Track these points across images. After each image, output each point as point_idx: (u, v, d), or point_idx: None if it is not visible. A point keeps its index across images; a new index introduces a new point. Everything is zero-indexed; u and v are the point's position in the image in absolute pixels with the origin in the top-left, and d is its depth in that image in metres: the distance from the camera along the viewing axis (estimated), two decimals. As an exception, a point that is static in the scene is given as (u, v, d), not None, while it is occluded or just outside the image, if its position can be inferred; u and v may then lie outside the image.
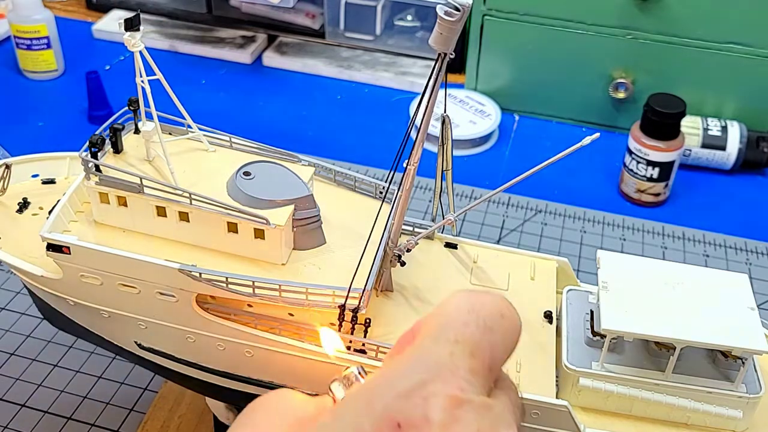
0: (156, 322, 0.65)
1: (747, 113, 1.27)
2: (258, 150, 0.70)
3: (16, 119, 1.30)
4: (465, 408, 0.33)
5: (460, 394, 0.33)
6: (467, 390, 0.34)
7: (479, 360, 0.35)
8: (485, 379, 0.35)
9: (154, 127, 0.66)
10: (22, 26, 1.34)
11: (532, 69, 1.33)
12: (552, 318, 0.67)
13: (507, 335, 0.37)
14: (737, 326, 0.60)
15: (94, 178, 0.63)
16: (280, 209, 0.63)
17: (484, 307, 0.37)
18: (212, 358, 0.66)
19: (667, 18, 1.23)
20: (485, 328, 0.36)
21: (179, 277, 0.60)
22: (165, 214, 0.63)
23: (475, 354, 0.35)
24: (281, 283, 0.60)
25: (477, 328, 0.36)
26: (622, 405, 0.62)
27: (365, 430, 0.32)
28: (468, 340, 0.35)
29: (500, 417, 0.34)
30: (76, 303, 0.67)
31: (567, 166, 1.24)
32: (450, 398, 0.33)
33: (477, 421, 0.33)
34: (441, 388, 0.33)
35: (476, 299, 0.37)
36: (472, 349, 0.35)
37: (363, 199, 0.72)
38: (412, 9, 1.47)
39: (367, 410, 0.32)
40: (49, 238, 0.62)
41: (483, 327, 0.36)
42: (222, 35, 1.53)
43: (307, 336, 0.61)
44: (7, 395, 0.84)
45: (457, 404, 0.33)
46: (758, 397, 0.61)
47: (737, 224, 1.15)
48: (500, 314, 0.37)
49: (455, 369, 0.34)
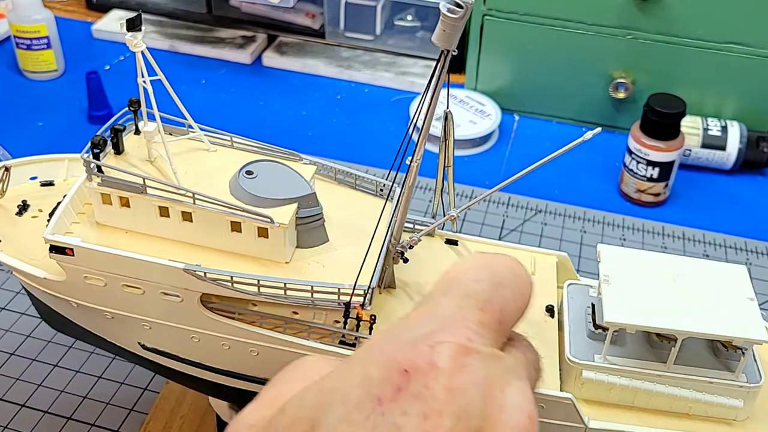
0: (160, 322, 0.65)
1: (747, 113, 1.27)
2: (259, 149, 0.70)
3: (16, 119, 1.29)
4: (473, 356, 0.33)
5: (468, 343, 0.33)
6: (475, 340, 0.33)
7: (489, 314, 0.35)
8: (496, 333, 0.35)
9: (155, 128, 0.66)
10: (22, 26, 1.34)
11: (532, 69, 1.33)
12: (554, 312, 0.68)
13: (518, 292, 0.37)
14: (737, 317, 0.60)
15: (96, 179, 0.63)
16: (283, 208, 0.63)
17: (496, 265, 0.37)
18: (217, 357, 0.66)
19: (667, 18, 1.23)
20: (496, 284, 0.36)
21: (184, 277, 0.60)
22: (168, 214, 0.63)
23: (484, 308, 0.35)
24: (286, 282, 0.60)
25: (488, 283, 0.36)
26: (624, 396, 0.63)
27: (372, 376, 0.32)
28: (478, 294, 0.35)
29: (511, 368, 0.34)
30: (79, 305, 0.67)
31: (567, 165, 1.24)
32: (457, 346, 0.33)
33: (485, 369, 0.33)
34: (449, 337, 0.33)
35: (488, 258, 0.37)
36: (481, 303, 0.35)
37: (364, 197, 0.72)
38: (412, 9, 1.47)
39: (375, 358, 0.32)
40: (52, 240, 0.62)
41: (493, 282, 0.36)
42: (222, 35, 1.53)
43: (311, 334, 0.61)
44: (7, 395, 0.84)
45: (465, 352, 0.33)
46: (758, 386, 0.62)
47: (737, 224, 1.15)
48: (512, 272, 0.37)
49: (464, 320, 0.34)
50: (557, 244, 1.09)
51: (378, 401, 0.31)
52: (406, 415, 0.30)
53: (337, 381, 0.33)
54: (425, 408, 0.31)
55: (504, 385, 0.33)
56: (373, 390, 0.31)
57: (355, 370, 0.33)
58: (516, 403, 0.32)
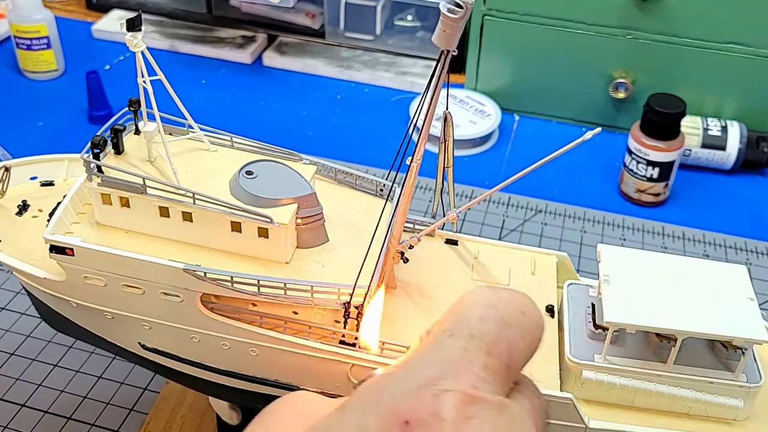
0: (160, 322, 0.65)
1: (747, 113, 1.27)
2: (259, 149, 0.70)
3: (16, 119, 1.29)
4: (478, 406, 0.31)
5: (473, 392, 0.31)
6: (481, 387, 0.32)
7: (496, 357, 0.33)
8: (502, 378, 0.33)
9: (155, 128, 0.66)
10: (22, 26, 1.34)
11: (532, 69, 1.33)
12: (554, 312, 0.68)
13: (527, 332, 0.35)
14: (737, 317, 0.61)
15: (96, 180, 0.63)
16: (283, 208, 0.63)
17: (503, 303, 0.35)
18: (217, 357, 0.66)
19: (667, 18, 1.23)
20: (503, 324, 0.34)
21: (184, 277, 0.60)
22: (168, 214, 0.63)
23: (491, 351, 0.33)
24: (286, 282, 0.60)
25: (494, 323, 0.34)
26: (624, 396, 0.63)
27: (370, 427, 0.30)
28: (484, 335, 0.33)
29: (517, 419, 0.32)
30: (79, 305, 0.67)
31: (567, 165, 1.24)
32: (462, 395, 0.31)
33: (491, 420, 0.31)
34: (453, 384, 0.31)
35: (494, 294, 0.35)
36: (488, 345, 0.33)
37: (364, 197, 0.72)
38: (412, 9, 1.47)
39: (374, 406, 0.31)
40: (52, 240, 0.62)
41: (501, 322, 0.34)
42: (222, 35, 1.53)
43: (311, 334, 0.62)
44: (7, 395, 0.84)
45: (470, 401, 0.31)
46: (758, 386, 0.62)
47: (737, 224, 1.15)
48: (520, 310, 0.35)
49: (469, 365, 0.32)
50: (557, 244, 1.09)
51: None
52: None
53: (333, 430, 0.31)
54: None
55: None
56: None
57: (350, 420, 0.31)
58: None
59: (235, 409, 0.76)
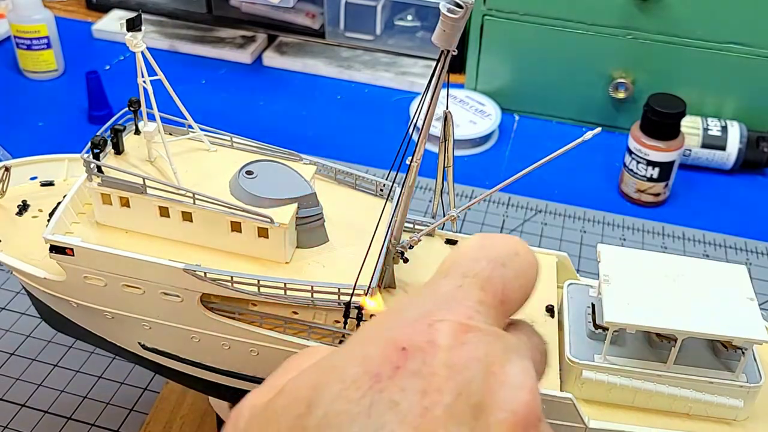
0: (160, 322, 0.65)
1: (747, 113, 1.27)
2: (259, 149, 0.70)
3: (16, 119, 1.29)
4: (473, 333, 0.32)
5: (468, 321, 0.32)
6: (476, 319, 0.33)
7: (490, 293, 0.34)
8: (497, 313, 0.34)
9: (155, 128, 0.66)
10: (22, 26, 1.34)
11: (532, 69, 1.33)
12: (554, 312, 0.68)
13: (522, 272, 0.36)
14: (737, 317, 0.60)
15: (96, 180, 0.63)
16: (283, 208, 0.63)
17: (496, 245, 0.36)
18: (217, 357, 0.66)
19: (667, 18, 1.23)
20: (496, 263, 0.35)
21: (184, 276, 0.60)
22: (168, 214, 0.63)
23: (485, 287, 0.34)
24: (286, 282, 0.60)
25: (488, 262, 0.35)
26: (624, 396, 0.63)
27: (370, 354, 0.31)
28: (478, 273, 0.35)
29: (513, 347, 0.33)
30: (79, 305, 0.67)
31: (567, 166, 1.24)
32: (457, 324, 0.32)
33: (486, 346, 0.32)
34: (447, 315, 0.32)
35: (489, 238, 0.37)
36: (482, 282, 0.34)
37: (364, 197, 0.72)
38: (412, 9, 1.47)
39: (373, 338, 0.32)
40: (52, 240, 0.62)
41: (494, 262, 0.35)
42: (222, 35, 1.53)
43: (311, 334, 0.62)
44: (7, 395, 0.84)
45: (465, 330, 0.32)
46: (758, 386, 0.62)
47: (737, 224, 1.15)
48: (514, 252, 0.36)
49: (463, 299, 0.34)
50: (557, 244, 1.09)
51: (375, 379, 0.30)
52: (403, 392, 0.30)
53: (335, 360, 0.32)
54: (423, 385, 0.30)
55: (505, 363, 0.32)
56: (371, 368, 0.31)
57: (352, 349, 0.32)
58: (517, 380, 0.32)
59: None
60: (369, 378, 0.30)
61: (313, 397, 0.31)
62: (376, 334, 0.33)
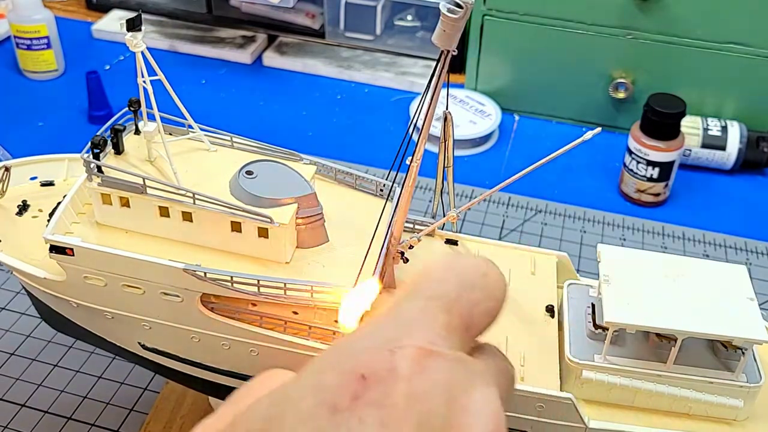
0: (160, 322, 0.65)
1: (747, 113, 1.27)
2: (259, 149, 0.70)
3: (16, 119, 1.29)
4: (435, 359, 0.31)
5: (430, 347, 0.31)
6: (439, 344, 0.31)
7: (455, 316, 0.33)
8: (462, 338, 0.33)
9: (155, 128, 0.66)
10: (22, 26, 1.34)
11: (532, 69, 1.33)
12: (554, 312, 0.68)
13: (488, 295, 0.34)
14: (737, 317, 0.61)
15: (96, 180, 0.63)
16: (283, 208, 0.63)
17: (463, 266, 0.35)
18: (217, 357, 0.66)
19: (667, 18, 1.23)
20: (462, 285, 0.34)
21: (184, 277, 0.60)
22: (168, 214, 0.63)
23: (450, 310, 0.33)
24: (286, 282, 0.60)
25: (453, 285, 0.34)
26: (624, 396, 0.63)
27: (327, 383, 0.30)
28: (442, 296, 0.33)
29: (477, 373, 0.32)
30: (79, 305, 0.67)
31: (567, 166, 1.24)
32: (419, 350, 0.31)
33: (449, 372, 0.30)
34: (409, 341, 0.31)
35: (456, 259, 0.35)
36: (446, 305, 0.33)
37: (364, 197, 0.72)
38: (412, 9, 1.47)
39: (331, 366, 0.31)
40: (52, 240, 0.62)
41: (460, 284, 0.34)
42: (222, 35, 1.53)
43: (311, 334, 0.62)
44: (7, 395, 0.84)
45: (427, 355, 0.31)
46: (758, 386, 0.62)
47: (737, 224, 1.15)
48: (482, 273, 0.34)
49: (427, 324, 0.32)
50: (557, 244, 1.09)
51: (332, 409, 0.29)
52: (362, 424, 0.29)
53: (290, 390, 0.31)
54: (383, 415, 0.29)
55: (469, 389, 0.31)
56: (327, 398, 0.29)
57: (309, 378, 0.31)
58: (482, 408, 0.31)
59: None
60: (326, 409, 0.29)
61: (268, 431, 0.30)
62: (334, 361, 0.31)
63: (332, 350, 0.32)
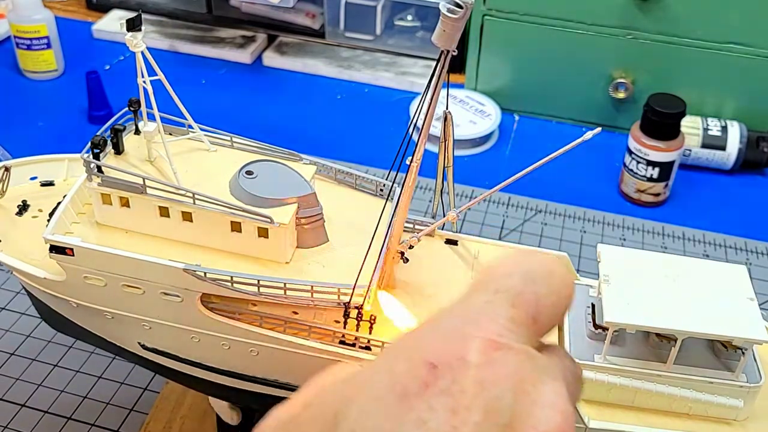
0: (160, 322, 0.65)
1: (747, 113, 1.27)
2: (259, 149, 0.70)
3: (16, 119, 1.29)
4: (503, 351, 0.31)
5: (498, 339, 0.32)
6: (506, 336, 0.32)
7: (521, 310, 0.33)
8: (529, 331, 0.33)
9: (155, 128, 0.66)
10: (22, 26, 1.34)
11: (532, 69, 1.33)
12: None
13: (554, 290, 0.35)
14: (737, 317, 0.60)
15: (96, 180, 0.63)
16: (283, 208, 0.63)
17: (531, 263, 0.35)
18: (217, 357, 0.66)
19: (667, 18, 1.23)
20: (529, 280, 0.34)
21: (184, 277, 0.60)
22: (168, 214, 0.63)
23: (516, 304, 0.33)
24: (286, 282, 0.60)
25: (520, 279, 0.34)
26: (624, 397, 0.63)
27: (399, 370, 0.31)
28: (509, 290, 0.34)
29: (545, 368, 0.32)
30: (79, 305, 0.67)
31: (567, 166, 1.24)
32: (488, 341, 0.31)
33: (517, 364, 0.31)
34: (477, 332, 0.32)
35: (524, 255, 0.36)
36: (513, 298, 0.34)
37: (364, 197, 0.72)
38: (412, 9, 1.47)
39: (402, 354, 0.32)
40: (52, 240, 0.62)
41: (526, 279, 0.34)
42: (222, 35, 1.53)
43: (311, 334, 0.62)
44: (7, 395, 0.84)
45: (496, 347, 0.31)
46: (758, 386, 0.62)
47: (737, 224, 1.15)
48: (548, 270, 0.35)
49: (494, 316, 0.33)
50: (557, 244, 1.09)
51: (404, 396, 0.30)
52: (432, 410, 0.29)
53: (364, 375, 0.32)
54: (453, 403, 0.30)
55: (537, 382, 0.31)
56: (398, 384, 0.30)
57: (381, 365, 0.32)
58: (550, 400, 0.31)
59: (235, 409, 0.76)
60: (397, 394, 0.30)
61: (341, 412, 0.31)
62: (405, 349, 0.32)
63: (402, 340, 0.33)
